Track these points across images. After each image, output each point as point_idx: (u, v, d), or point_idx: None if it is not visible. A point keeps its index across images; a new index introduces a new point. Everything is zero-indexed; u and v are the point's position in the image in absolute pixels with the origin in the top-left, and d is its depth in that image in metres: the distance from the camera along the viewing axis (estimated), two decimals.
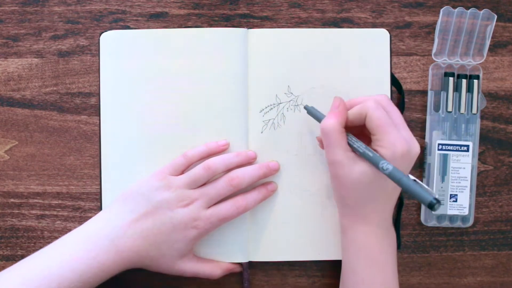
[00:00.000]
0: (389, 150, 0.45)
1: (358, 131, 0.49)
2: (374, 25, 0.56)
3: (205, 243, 0.53)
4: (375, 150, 0.46)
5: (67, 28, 0.55)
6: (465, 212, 0.54)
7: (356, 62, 0.54)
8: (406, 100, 0.56)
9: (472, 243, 0.56)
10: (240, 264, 0.54)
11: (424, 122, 0.56)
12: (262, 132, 0.54)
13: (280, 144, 0.54)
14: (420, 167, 0.55)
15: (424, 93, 0.56)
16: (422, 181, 0.55)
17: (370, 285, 0.47)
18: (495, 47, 0.56)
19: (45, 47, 0.55)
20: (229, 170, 0.51)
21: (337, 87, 0.54)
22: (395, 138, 0.45)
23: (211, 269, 0.52)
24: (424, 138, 0.55)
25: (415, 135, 0.50)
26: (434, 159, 0.54)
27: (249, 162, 0.53)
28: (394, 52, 0.56)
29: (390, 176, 0.44)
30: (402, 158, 0.45)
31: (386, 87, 0.54)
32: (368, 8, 0.56)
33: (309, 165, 0.54)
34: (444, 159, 0.54)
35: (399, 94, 0.55)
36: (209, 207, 0.50)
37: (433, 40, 0.56)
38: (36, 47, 0.55)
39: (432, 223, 0.55)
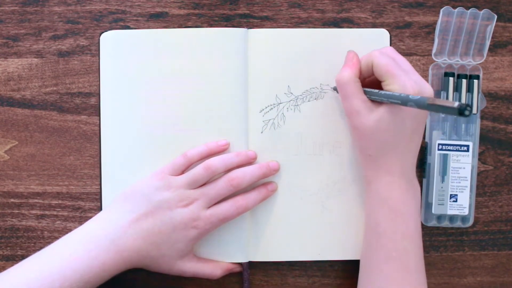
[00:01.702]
0: (400, 92, 0.45)
1: (370, 85, 0.49)
2: (374, 25, 0.56)
3: (205, 243, 0.53)
4: None
5: (67, 28, 0.55)
6: (465, 212, 0.54)
7: None
8: None
9: (472, 243, 0.56)
10: (240, 264, 0.54)
11: None
12: (262, 132, 0.54)
13: (280, 144, 0.54)
14: (420, 167, 0.55)
15: None
16: (422, 181, 0.55)
17: (391, 236, 0.47)
18: (495, 47, 0.56)
19: (45, 47, 0.55)
20: (229, 170, 0.51)
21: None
22: (405, 81, 0.46)
23: (211, 269, 0.52)
24: (424, 138, 0.55)
25: None
26: (434, 159, 0.54)
27: (249, 162, 0.53)
28: None
29: (417, 104, 0.43)
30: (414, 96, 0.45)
31: None
32: (368, 8, 0.56)
33: (309, 165, 0.54)
34: (444, 159, 0.54)
35: None
36: (209, 207, 0.50)
37: (433, 40, 0.56)
38: (36, 47, 0.55)
39: (432, 223, 0.55)
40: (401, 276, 0.47)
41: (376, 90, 0.47)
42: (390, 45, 0.55)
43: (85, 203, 0.55)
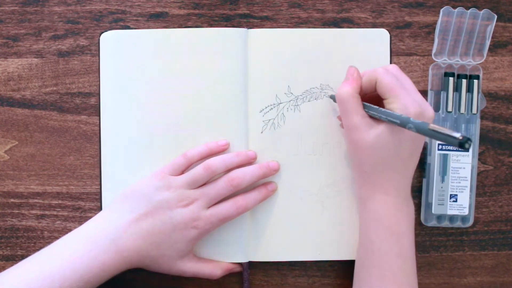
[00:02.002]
0: (402, 112, 0.45)
1: (370, 100, 0.49)
2: (374, 25, 0.56)
3: (205, 243, 0.53)
4: None
5: (67, 28, 0.55)
6: (465, 212, 0.54)
7: (356, 62, 0.54)
8: None
9: (472, 243, 0.56)
10: (240, 264, 0.54)
11: None
12: (262, 132, 0.54)
13: (280, 144, 0.54)
14: (420, 167, 0.55)
15: (424, 93, 0.56)
16: (422, 181, 0.55)
17: (385, 255, 0.47)
18: (495, 47, 0.56)
19: (45, 47, 0.55)
20: (229, 170, 0.51)
21: (337, 87, 0.54)
22: (407, 101, 0.46)
23: (211, 269, 0.52)
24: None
25: None
26: (434, 159, 0.54)
27: (249, 162, 0.53)
28: (394, 52, 0.56)
29: (416, 128, 0.43)
30: (415, 119, 0.45)
31: None
32: (368, 8, 0.56)
33: (309, 165, 0.54)
34: (444, 159, 0.54)
35: None
36: (209, 207, 0.50)
37: (433, 40, 0.56)
38: (36, 47, 0.55)
39: (432, 223, 0.55)
40: None
41: (376, 107, 0.47)
42: (390, 45, 0.55)
43: (85, 203, 0.55)
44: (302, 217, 0.54)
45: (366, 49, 0.54)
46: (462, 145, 0.39)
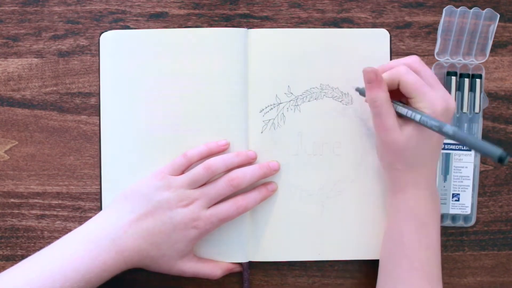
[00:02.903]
0: (429, 110, 0.46)
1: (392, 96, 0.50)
2: (374, 25, 0.56)
3: (205, 243, 0.53)
4: None
5: (67, 28, 0.55)
6: (468, 211, 0.54)
7: (356, 62, 0.54)
8: None
9: (472, 243, 0.56)
10: (240, 264, 0.54)
11: None
12: (262, 132, 0.54)
13: (280, 144, 0.54)
14: None
15: None
16: None
17: (415, 246, 0.48)
18: (495, 47, 0.56)
19: (45, 47, 0.55)
20: (229, 170, 0.51)
21: (337, 87, 0.54)
22: (433, 97, 0.46)
23: (211, 269, 0.52)
24: None
25: None
26: None
27: (249, 162, 0.53)
28: (394, 52, 0.56)
29: (453, 137, 0.44)
30: (442, 115, 0.46)
31: None
32: (368, 8, 0.56)
33: (309, 165, 0.54)
34: (447, 158, 0.54)
35: None
36: (209, 207, 0.50)
37: (433, 40, 0.56)
38: (36, 47, 0.55)
39: None
40: (423, 285, 0.48)
41: (406, 109, 0.47)
42: (390, 45, 0.55)
43: (85, 203, 0.55)
44: (302, 217, 0.54)
45: (366, 49, 0.54)
46: (501, 160, 0.40)
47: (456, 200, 0.54)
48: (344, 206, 0.54)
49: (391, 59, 0.55)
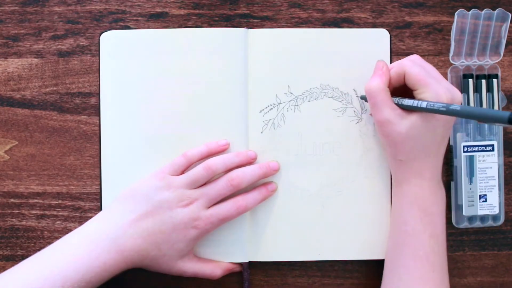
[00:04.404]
0: (434, 100, 0.46)
1: (397, 94, 0.50)
2: (374, 25, 0.56)
3: (205, 243, 0.53)
4: None
5: (67, 28, 0.55)
6: (496, 211, 0.54)
7: (356, 62, 0.54)
8: None
9: (472, 243, 0.56)
10: (240, 264, 0.54)
11: None
12: (262, 132, 0.54)
13: (280, 144, 0.54)
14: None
15: None
16: (450, 184, 0.55)
17: (419, 235, 0.49)
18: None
19: (45, 47, 0.55)
20: (229, 170, 0.51)
21: (337, 87, 0.54)
22: (437, 88, 0.47)
23: (211, 269, 0.52)
24: (448, 141, 0.55)
25: None
26: (460, 161, 0.54)
27: (249, 162, 0.53)
28: (394, 52, 0.56)
29: (462, 112, 0.43)
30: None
31: None
32: (368, 8, 0.56)
33: (309, 165, 0.54)
34: (471, 161, 0.54)
35: None
36: (209, 207, 0.50)
37: (433, 40, 0.56)
38: (36, 47, 0.55)
39: (464, 224, 0.55)
40: (426, 274, 0.48)
41: (412, 100, 0.47)
42: (390, 45, 0.55)
43: (85, 203, 0.55)
44: (302, 217, 0.54)
45: (366, 49, 0.54)
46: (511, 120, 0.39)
47: (483, 201, 0.54)
48: (344, 206, 0.54)
49: (391, 59, 0.55)
